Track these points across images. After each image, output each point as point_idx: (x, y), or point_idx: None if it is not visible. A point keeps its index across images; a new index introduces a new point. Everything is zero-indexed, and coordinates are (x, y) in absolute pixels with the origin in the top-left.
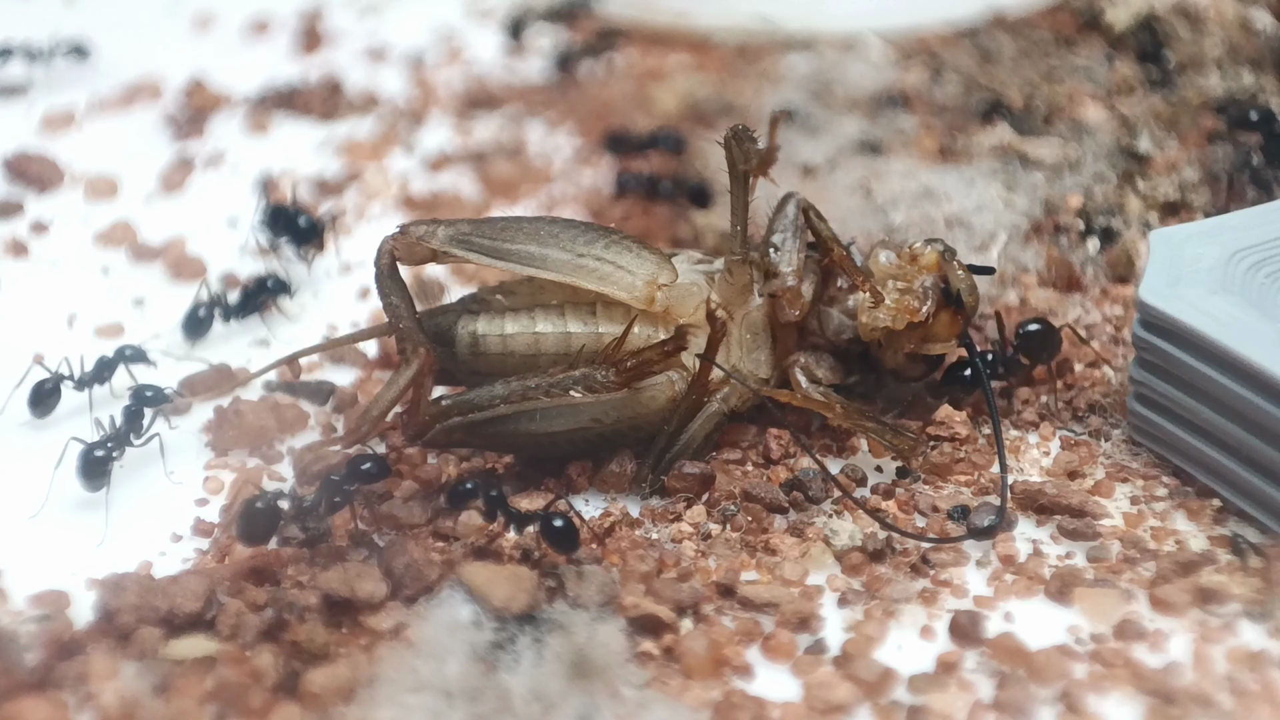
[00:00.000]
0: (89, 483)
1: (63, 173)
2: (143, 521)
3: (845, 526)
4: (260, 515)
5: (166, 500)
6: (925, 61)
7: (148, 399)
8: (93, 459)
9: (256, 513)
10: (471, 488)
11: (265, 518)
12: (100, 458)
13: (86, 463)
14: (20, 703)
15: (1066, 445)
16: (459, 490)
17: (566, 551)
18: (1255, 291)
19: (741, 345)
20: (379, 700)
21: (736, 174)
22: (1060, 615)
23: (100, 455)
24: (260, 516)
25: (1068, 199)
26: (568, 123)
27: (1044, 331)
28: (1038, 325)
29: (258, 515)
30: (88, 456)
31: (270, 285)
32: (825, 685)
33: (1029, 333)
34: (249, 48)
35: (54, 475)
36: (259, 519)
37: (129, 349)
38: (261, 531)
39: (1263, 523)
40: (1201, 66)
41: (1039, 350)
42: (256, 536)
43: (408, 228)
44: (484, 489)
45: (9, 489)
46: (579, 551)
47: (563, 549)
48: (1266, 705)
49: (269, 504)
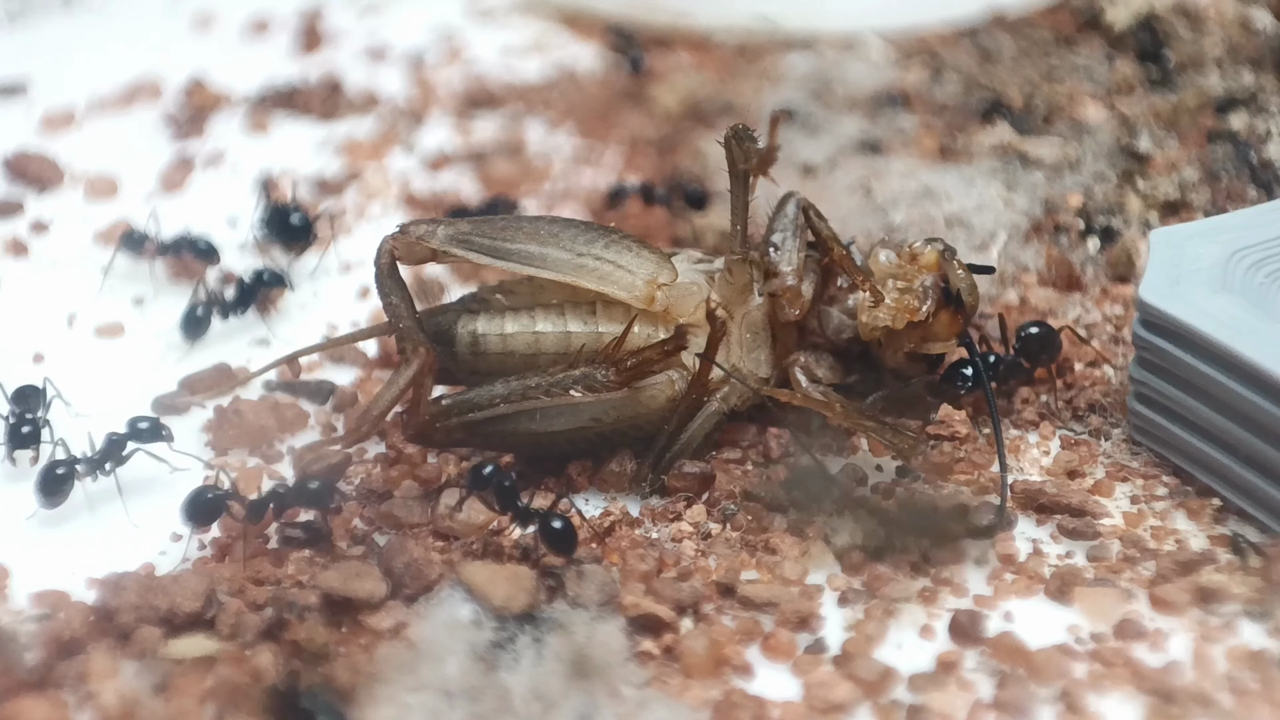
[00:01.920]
0: (46, 500)
1: (63, 172)
2: (143, 521)
3: (845, 525)
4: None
5: (166, 500)
6: (925, 61)
7: (139, 432)
8: (53, 476)
9: (205, 502)
10: (490, 471)
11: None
12: (61, 475)
13: (46, 479)
14: (20, 702)
15: (1066, 444)
16: (479, 473)
17: (564, 553)
18: (1255, 291)
19: (741, 344)
20: (379, 700)
21: (737, 173)
22: (1060, 614)
23: (61, 473)
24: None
25: (1068, 198)
26: (568, 123)
27: (1044, 334)
28: (1038, 328)
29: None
30: (49, 473)
31: (266, 279)
32: (825, 684)
33: (1030, 335)
34: (249, 47)
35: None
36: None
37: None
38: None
39: (1263, 522)
40: (1201, 66)
41: (1039, 353)
42: (200, 520)
43: (408, 227)
44: (499, 477)
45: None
46: (577, 552)
47: (560, 550)
48: (1266, 705)
49: (218, 496)
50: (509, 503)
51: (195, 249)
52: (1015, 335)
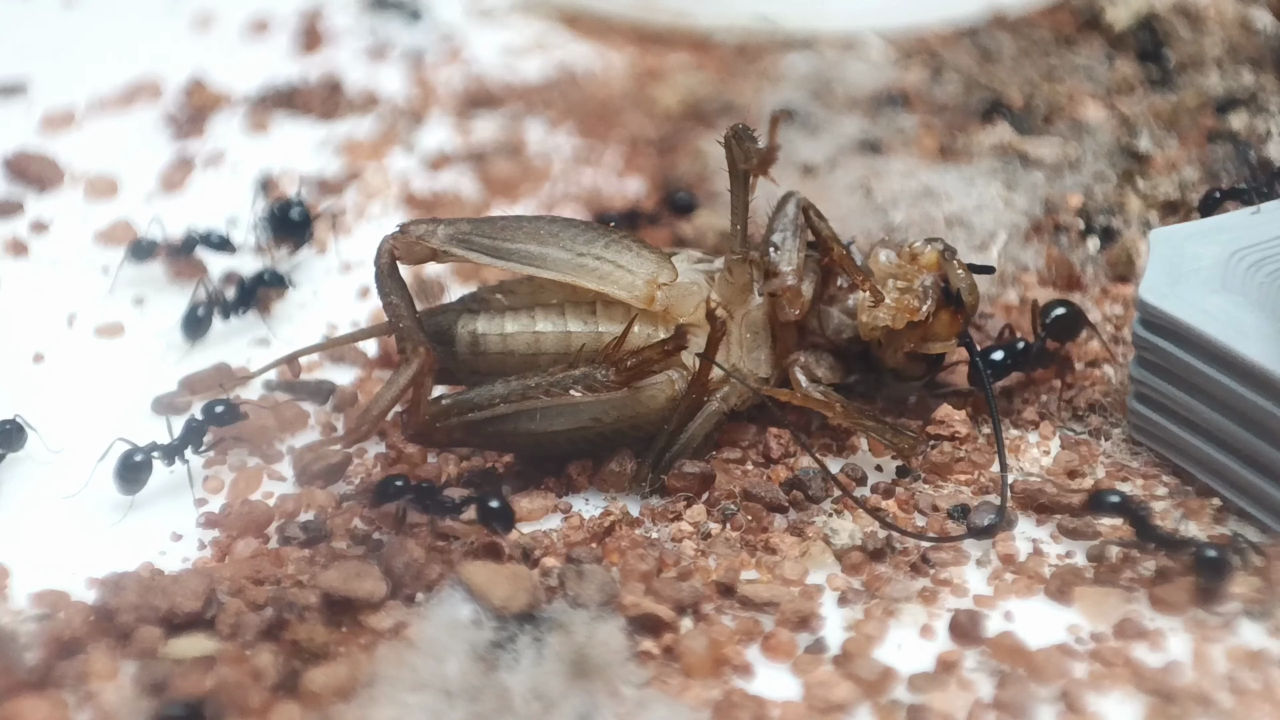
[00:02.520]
0: (125, 486)
1: (63, 172)
2: (143, 521)
3: (845, 525)
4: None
5: (166, 500)
6: (925, 61)
7: (216, 415)
8: (131, 464)
9: (133, 464)
10: (401, 485)
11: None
12: (139, 463)
13: (125, 467)
14: (20, 702)
15: (1066, 444)
16: (387, 487)
17: (504, 530)
18: (1255, 290)
19: (741, 344)
20: (379, 699)
21: (737, 173)
22: (1060, 614)
23: (139, 461)
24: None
25: (1068, 198)
26: (568, 123)
27: (1070, 315)
28: (1063, 309)
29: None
30: (127, 460)
31: (266, 278)
32: (825, 684)
33: (1057, 317)
34: (249, 47)
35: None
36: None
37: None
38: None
39: (1263, 522)
40: (1201, 66)
41: (1066, 333)
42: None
43: (408, 227)
44: (412, 483)
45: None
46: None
47: (500, 526)
48: (1266, 704)
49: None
50: (430, 502)
51: (210, 243)
52: (1040, 318)
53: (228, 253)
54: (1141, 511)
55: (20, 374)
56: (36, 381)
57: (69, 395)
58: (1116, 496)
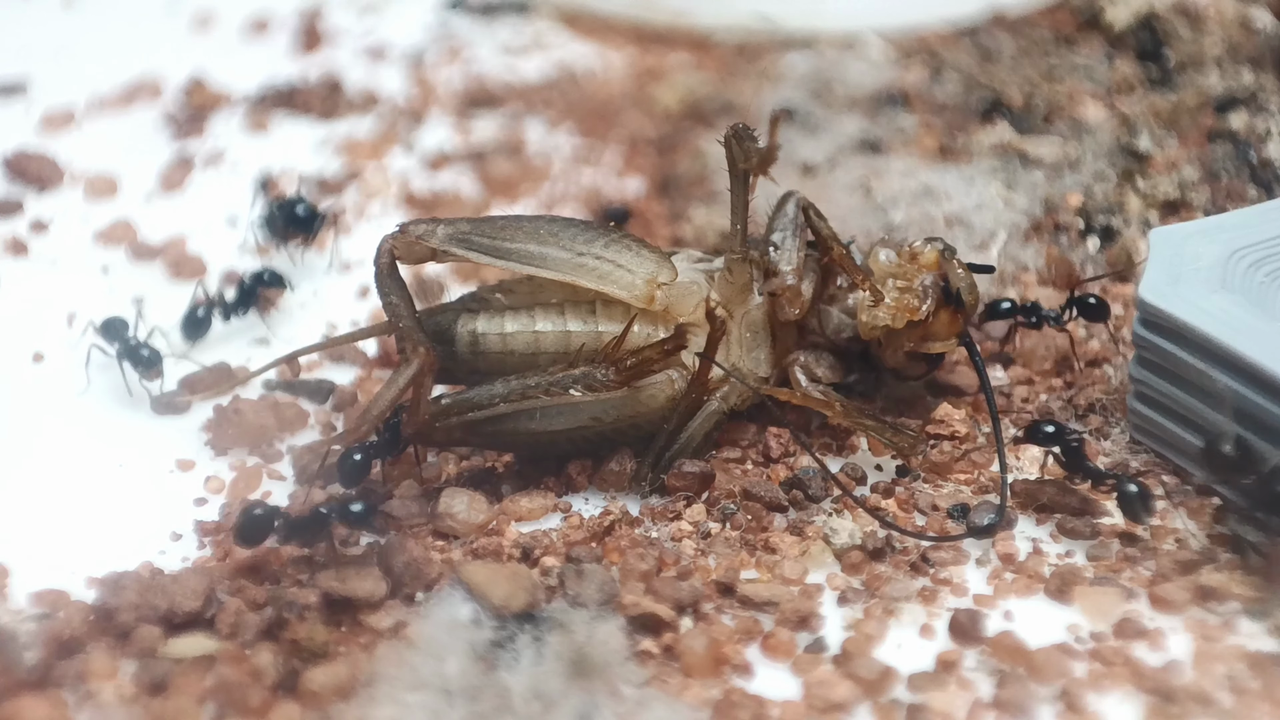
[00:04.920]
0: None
1: (62, 172)
2: (143, 521)
3: (845, 525)
4: (257, 521)
5: (166, 499)
6: (925, 60)
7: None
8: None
9: (254, 519)
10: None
11: (261, 524)
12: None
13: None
14: (20, 702)
15: None
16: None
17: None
18: (1255, 290)
19: (741, 344)
20: (378, 699)
21: (736, 173)
22: (1060, 614)
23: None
24: (257, 523)
25: (1067, 197)
26: (567, 122)
27: (1101, 304)
28: (1094, 299)
29: (255, 521)
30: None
31: (266, 279)
32: (825, 684)
33: (1088, 299)
34: (249, 47)
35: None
36: (256, 525)
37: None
38: (256, 536)
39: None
40: (1201, 65)
41: (1092, 314)
42: (251, 541)
43: (407, 226)
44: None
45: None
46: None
47: (366, 528)
48: (1266, 704)
49: (267, 512)
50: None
51: (264, 283)
52: (1069, 300)
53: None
54: (1075, 443)
55: (20, 374)
56: (36, 381)
57: (69, 395)
58: (1051, 426)
